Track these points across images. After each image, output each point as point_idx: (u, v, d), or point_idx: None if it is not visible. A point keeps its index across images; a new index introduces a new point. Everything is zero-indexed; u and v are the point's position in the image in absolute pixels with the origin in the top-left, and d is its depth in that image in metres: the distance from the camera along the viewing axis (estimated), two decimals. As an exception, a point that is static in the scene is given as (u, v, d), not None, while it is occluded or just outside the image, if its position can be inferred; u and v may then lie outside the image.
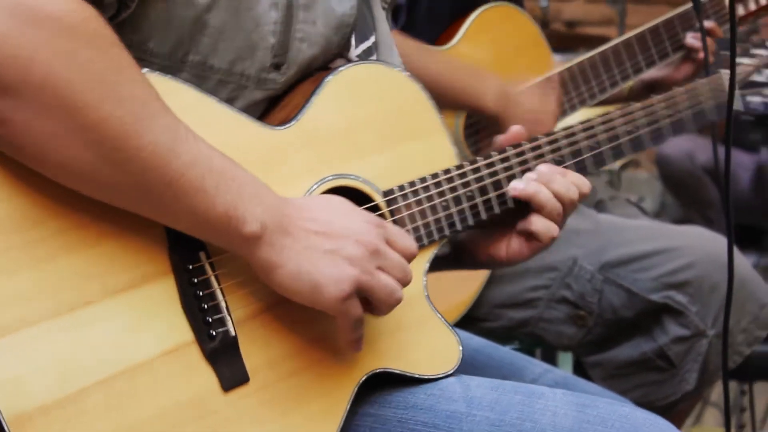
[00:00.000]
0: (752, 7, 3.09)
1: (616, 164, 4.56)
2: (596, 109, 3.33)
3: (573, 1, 7.02)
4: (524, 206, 1.85)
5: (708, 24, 2.92)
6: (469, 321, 2.83)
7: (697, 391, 2.81)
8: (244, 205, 1.53)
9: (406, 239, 1.66)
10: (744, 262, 2.84)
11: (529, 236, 1.86)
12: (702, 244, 2.80)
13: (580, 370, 2.97)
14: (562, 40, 5.11)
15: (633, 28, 3.08)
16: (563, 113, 3.01)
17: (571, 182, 1.85)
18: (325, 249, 1.57)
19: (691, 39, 3.00)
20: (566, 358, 3.36)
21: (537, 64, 3.06)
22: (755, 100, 2.18)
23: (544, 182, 1.83)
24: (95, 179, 1.48)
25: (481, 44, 2.98)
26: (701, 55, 2.99)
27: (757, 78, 2.19)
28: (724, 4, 3.05)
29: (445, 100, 2.82)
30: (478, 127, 2.97)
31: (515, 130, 1.89)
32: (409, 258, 1.66)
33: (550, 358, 3.39)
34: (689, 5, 2.99)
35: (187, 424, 1.54)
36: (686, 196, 6.45)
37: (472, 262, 1.95)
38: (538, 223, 1.84)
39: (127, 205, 1.51)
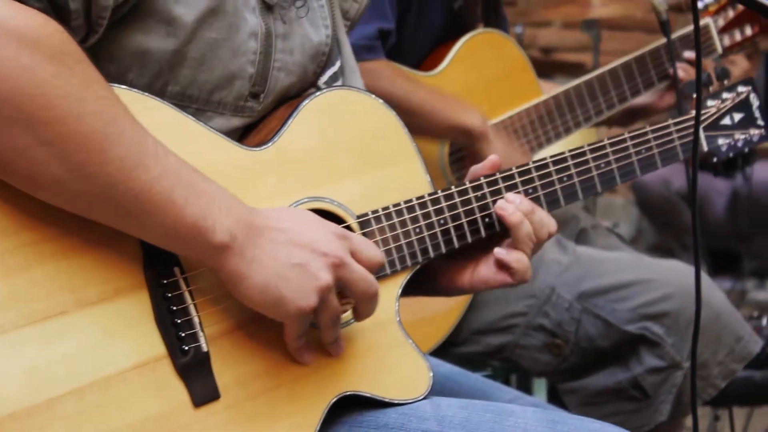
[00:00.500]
0: (738, 38, 3.12)
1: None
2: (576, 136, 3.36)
3: (548, 28, 7.05)
4: (495, 237, 1.87)
5: (690, 54, 2.95)
6: (446, 346, 2.85)
7: (671, 421, 2.83)
8: (213, 216, 1.54)
9: (371, 250, 1.69)
10: (719, 295, 2.86)
11: (502, 266, 1.87)
12: (679, 276, 2.82)
13: (554, 396, 2.98)
14: (538, 66, 5.12)
15: (608, 54, 3.09)
16: (548, 141, 3.03)
17: (542, 219, 1.87)
18: (293, 262, 1.59)
19: (677, 69, 3.01)
20: (541, 385, 3.38)
21: (524, 90, 3.07)
22: (721, 142, 2.20)
23: (526, 212, 1.85)
24: (64, 191, 1.50)
25: (468, 70, 2.99)
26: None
27: (725, 121, 2.21)
28: (710, 34, 3.07)
29: (427, 129, 2.85)
30: (463, 154, 2.98)
31: (492, 160, 1.90)
32: (375, 268, 1.68)
33: (526, 384, 3.41)
34: (676, 35, 3.01)
35: None
36: (662, 222, 6.48)
37: (433, 289, 1.96)
38: (514, 255, 1.85)
39: (97, 216, 1.53)
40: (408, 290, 1.86)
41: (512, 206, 1.85)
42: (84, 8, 1.57)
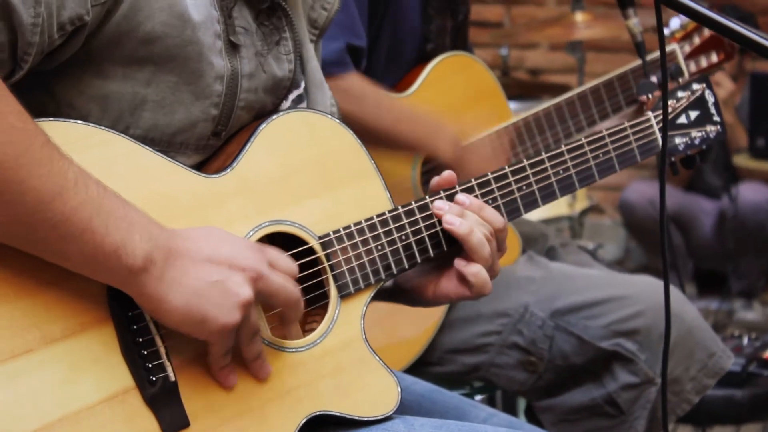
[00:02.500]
0: (704, 64, 3.15)
1: (576, 209, 4.60)
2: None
3: (535, 50, 7.09)
4: (458, 249, 1.88)
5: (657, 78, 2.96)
6: (421, 365, 2.86)
7: (645, 438, 2.85)
8: (132, 243, 1.56)
9: (287, 261, 1.70)
10: (692, 310, 2.87)
11: (462, 279, 1.89)
12: (651, 292, 2.82)
13: (531, 414, 2.99)
14: (526, 88, 5.17)
15: (593, 76, 3.13)
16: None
17: (486, 218, 1.88)
18: (210, 280, 1.61)
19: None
20: (522, 403, 3.39)
21: (494, 112, 3.09)
22: (678, 141, 2.21)
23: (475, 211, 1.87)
24: None
25: (439, 92, 3.01)
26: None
27: (681, 120, 2.22)
28: (676, 60, 3.10)
29: (401, 146, 2.87)
30: (435, 173, 3.00)
31: (447, 174, 1.92)
32: (292, 278, 1.70)
33: (510, 403, 3.43)
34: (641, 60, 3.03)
35: None
36: (649, 242, 6.50)
37: (399, 298, 1.99)
38: (472, 268, 1.87)
39: (19, 245, 1.54)
40: (375, 296, 1.88)
41: (456, 220, 1.86)
42: (9, 42, 1.57)
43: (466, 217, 1.87)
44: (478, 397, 3.05)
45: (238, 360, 1.68)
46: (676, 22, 3.16)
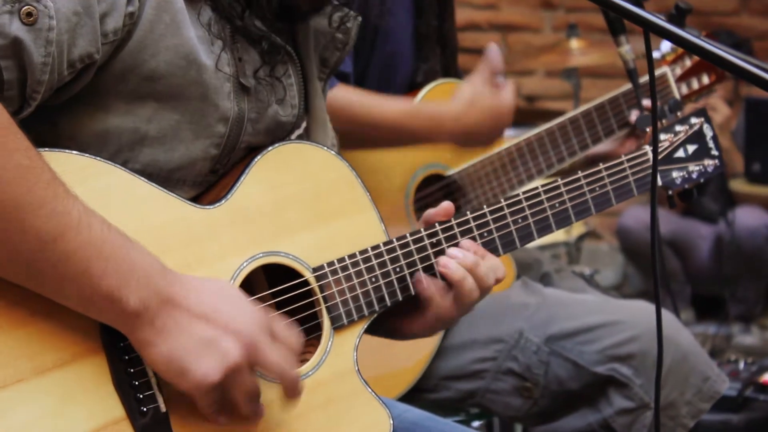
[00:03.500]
0: (695, 86, 3.16)
1: (573, 235, 4.61)
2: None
3: (532, 77, 7.10)
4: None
5: (647, 102, 2.97)
6: (416, 392, 2.86)
7: (641, 462, 2.84)
8: (129, 288, 1.56)
9: (291, 338, 1.68)
10: (687, 335, 2.87)
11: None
12: (646, 317, 2.82)
13: (527, 440, 2.99)
14: (522, 114, 5.17)
15: (589, 102, 3.14)
16: (511, 188, 3.06)
17: (489, 268, 1.90)
18: (201, 336, 1.60)
19: (636, 116, 3.04)
20: (518, 430, 3.39)
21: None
22: (675, 174, 2.23)
23: (470, 267, 1.88)
24: None
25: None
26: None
27: (677, 154, 2.23)
28: (667, 82, 3.11)
29: (403, 142, 2.89)
30: (428, 201, 3.01)
31: (444, 206, 1.93)
32: (294, 352, 1.68)
33: (508, 429, 3.42)
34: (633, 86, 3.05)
35: None
36: (647, 267, 6.49)
37: (384, 331, 1.98)
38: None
39: (19, 281, 1.55)
40: (368, 329, 1.88)
41: (454, 263, 1.88)
42: (18, 80, 1.58)
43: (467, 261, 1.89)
44: (476, 424, 3.05)
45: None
46: (666, 45, 3.17)
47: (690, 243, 6.52)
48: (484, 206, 1.97)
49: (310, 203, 1.83)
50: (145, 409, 1.61)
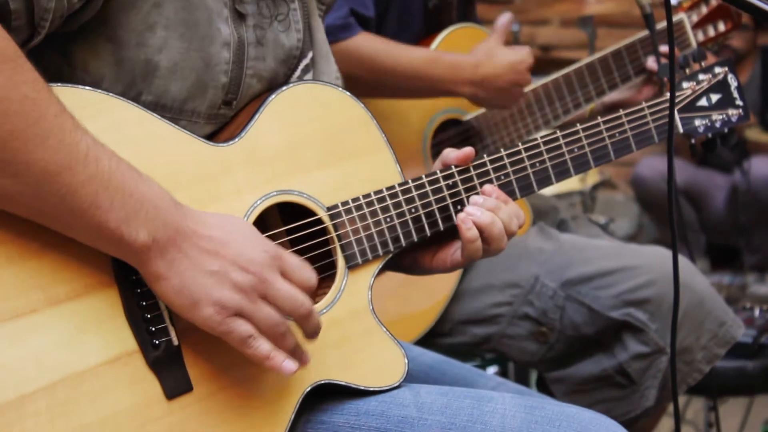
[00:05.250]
0: (711, 33, 3.14)
1: (588, 184, 4.60)
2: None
3: (546, 26, 7.07)
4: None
5: (665, 48, 2.96)
6: (432, 337, 2.87)
7: (657, 406, 2.84)
8: (137, 221, 1.56)
9: (304, 271, 1.68)
10: (703, 280, 2.87)
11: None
12: (662, 262, 2.82)
13: (542, 385, 3.00)
14: (538, 63, 5.15)
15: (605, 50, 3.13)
16: (528, 133, 3.06)
17: (512, 213, 1.90)
18: (211, 269, 1.60)
19: (652, 62, 3.03)
20: (535, 374, 3.40)
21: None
22: (698, 123, 2.22)
23: (490, 207, 1.87)
24: None
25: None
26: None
27: (700, 102, 2.23)
28: (684, 29, 3.10)
29: (424, 92, 2.89)
30: (446, 145, 3.01)
31: (466, 151, 1.93)
32: (308, 290, 1.67)
33: (523, 375, 3.44)
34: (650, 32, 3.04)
35: (131, 431, 1.57)
36: (662, 217, 6.49)
37: (394, 265, 1.98)
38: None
39: (29, 215, 1.55)
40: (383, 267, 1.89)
41: (478, 211, 1.88)
42: (26, 9, 1.58)
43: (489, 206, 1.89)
44: (491, 369, 3.07)
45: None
46: None
47: (705, 193, 6.52)
48: (501, 149, 1.97)
49: (324, 143, 1.83)
50: (157, 342, 1.62)
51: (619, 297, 2.79)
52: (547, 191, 4.06)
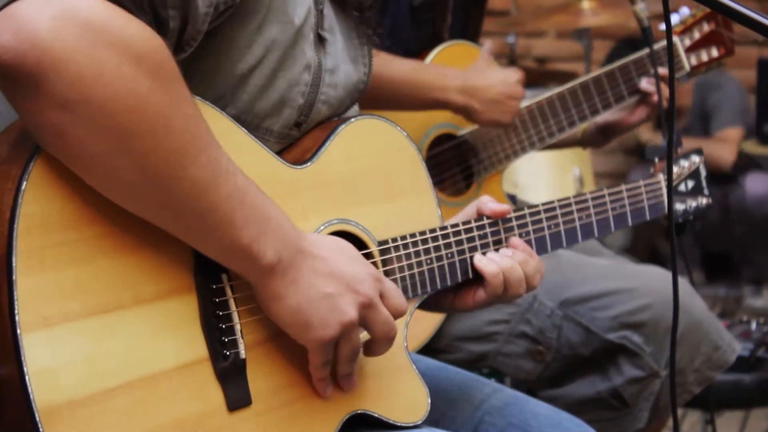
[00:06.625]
0: (704, 58, 3.16)
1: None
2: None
3: (542, 38, 7.08)
4: None
5: (662, 71, 2.98)
6: (429, 352, 2.86)
7: (648, 426, 2.86)
8: (266, 239, 1.59)
9: (399, 297, 1.75)
10: (700, 303, 2.88)
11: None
12: (660, 285, 2.83)
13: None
14: (533, 76, 5.16)
15: (600, 63, 3.14)
16: (523, 150, 3.06)
17: (537, 268, 1.98)
18: (325, 292, 1.65)
19: (646, 84, 3.05)
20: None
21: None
22: (678, 207, 2.34)
23: (520, 262, 1.95)
24: (136, 198, 1.54)
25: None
26: (655, 98, 3.04)
27: (681, 188, 2.36)
28: (677, 52, 3.11)
29: (414, 101, 2.89)
30: (440, 159, 3.03)
31: (503, 209, 1.99)
32: (398, 316, 1.74)
33: (519, 389, 3.43)
34: (645, 51, 3.05)
35: None
36: (652, 224, 6.48)
37: (432, 305, 2.03)
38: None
39: (161, 224, 1.56)
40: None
41: (498, 257, 1.96)
42: (179, 30, 1.60)
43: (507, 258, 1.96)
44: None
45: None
46: (675, 17, 3.18)
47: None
48: (525, 207, 2.04)
49: (381, 178, 1.90)
50: (227, 353, 1.63)
51: (617, 319, 2.80)
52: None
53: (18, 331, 1.44)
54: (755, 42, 6.64)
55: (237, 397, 1.64)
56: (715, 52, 3.15)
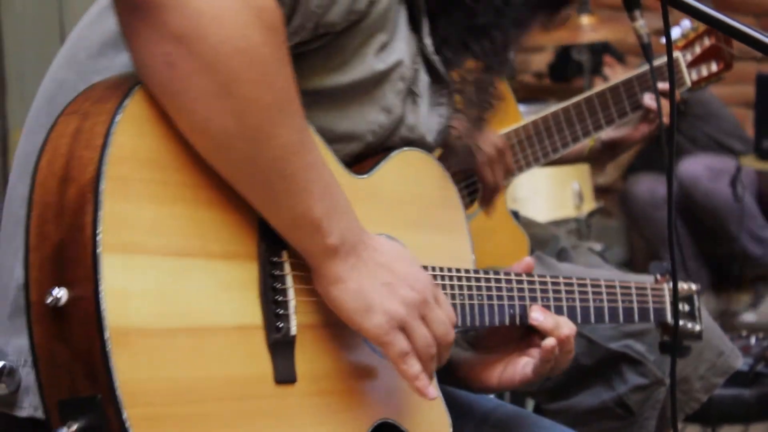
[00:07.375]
0: (704, 73, 3.18)
1: (584, 211, 4.62)
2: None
3: (541, 53, 7.10)
4: (523, 331, 1.99)
5: (663, 86, 3.00)
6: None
7: (656, 435, 2.87)
8: (336, 218, 1.62)
9: (450, 306, 1.76)
10: (702, 310, 2.89)
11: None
12: (660, 293, 2.84)
13: (540, 414, 3.01)
14: (531, 91, 5.20)
15: (599, 78, 3.16)
16: (527, 165, 3.08)
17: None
18: (384, 281, 1.66)
19: (649, 100, 3.08)
20: (530, 404, 3.41)
21: (504, 116, 3.12)
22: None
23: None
24: (225, 149, 1.55)
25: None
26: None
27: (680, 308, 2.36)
28: (680, 68, 3.13)
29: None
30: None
31: (527, 261, 2.02)
32: (451, 324, 1.74)
33: (519, 403, 3.44)
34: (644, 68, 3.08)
35: (233, 400, 1.60)
36: (650, 232, 6.49)
37: (462, 382, 2.04)
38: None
39: (240, 181, 1.58)
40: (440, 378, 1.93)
41: (542, 316, 1.97)
42: (288, 14, 1.63)
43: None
44: (490, 397, 3.07)
45: (356, 340, 1.75)
46: (677, 30, 3.20)
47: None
48: (547, 276, 2.04)
49: (423, 208, 1.93)
50: (280, 326, 1.65)
51: (618, 328, 2.81)
52: (545, 218, 4.09)
53: (98, 250, 1.46)
54: (754, 58, 6.66)
55: (284, 371, 1.65)
56: (714, 67, 3.18)
